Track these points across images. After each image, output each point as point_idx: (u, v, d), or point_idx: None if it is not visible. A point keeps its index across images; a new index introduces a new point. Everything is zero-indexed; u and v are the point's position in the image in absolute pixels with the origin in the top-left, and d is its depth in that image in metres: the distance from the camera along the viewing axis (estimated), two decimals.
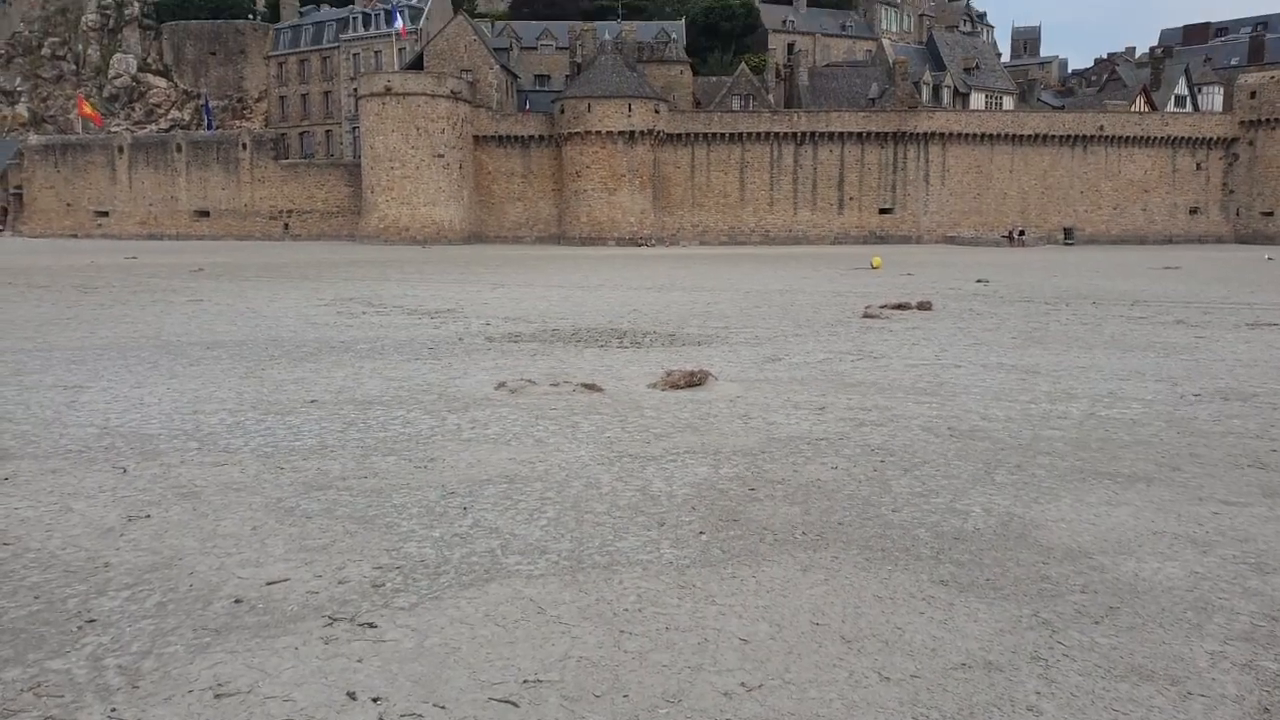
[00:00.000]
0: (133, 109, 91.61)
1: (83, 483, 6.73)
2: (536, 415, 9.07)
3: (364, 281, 30.00)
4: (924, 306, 20.60)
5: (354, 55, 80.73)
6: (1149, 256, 52.33)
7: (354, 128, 77.08)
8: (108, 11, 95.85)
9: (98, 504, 6.24)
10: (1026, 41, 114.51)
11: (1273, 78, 74.22)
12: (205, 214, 77.67)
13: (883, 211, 73.40)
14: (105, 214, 79.11)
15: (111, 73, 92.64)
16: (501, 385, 10.52)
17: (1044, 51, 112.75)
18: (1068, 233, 74.02)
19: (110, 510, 6.10)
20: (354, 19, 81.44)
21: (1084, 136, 73.83)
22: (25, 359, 12.87)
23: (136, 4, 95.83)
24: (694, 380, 10.60)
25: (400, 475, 6.97)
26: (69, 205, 79.64)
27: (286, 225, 76.14)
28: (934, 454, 7.70)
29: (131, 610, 4.51)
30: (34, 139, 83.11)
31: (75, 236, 77.33)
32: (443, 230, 67.67)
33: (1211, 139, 75.14)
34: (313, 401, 9.81)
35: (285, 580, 4.92)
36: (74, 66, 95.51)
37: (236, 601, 4.63)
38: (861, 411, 9.38)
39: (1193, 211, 75.77)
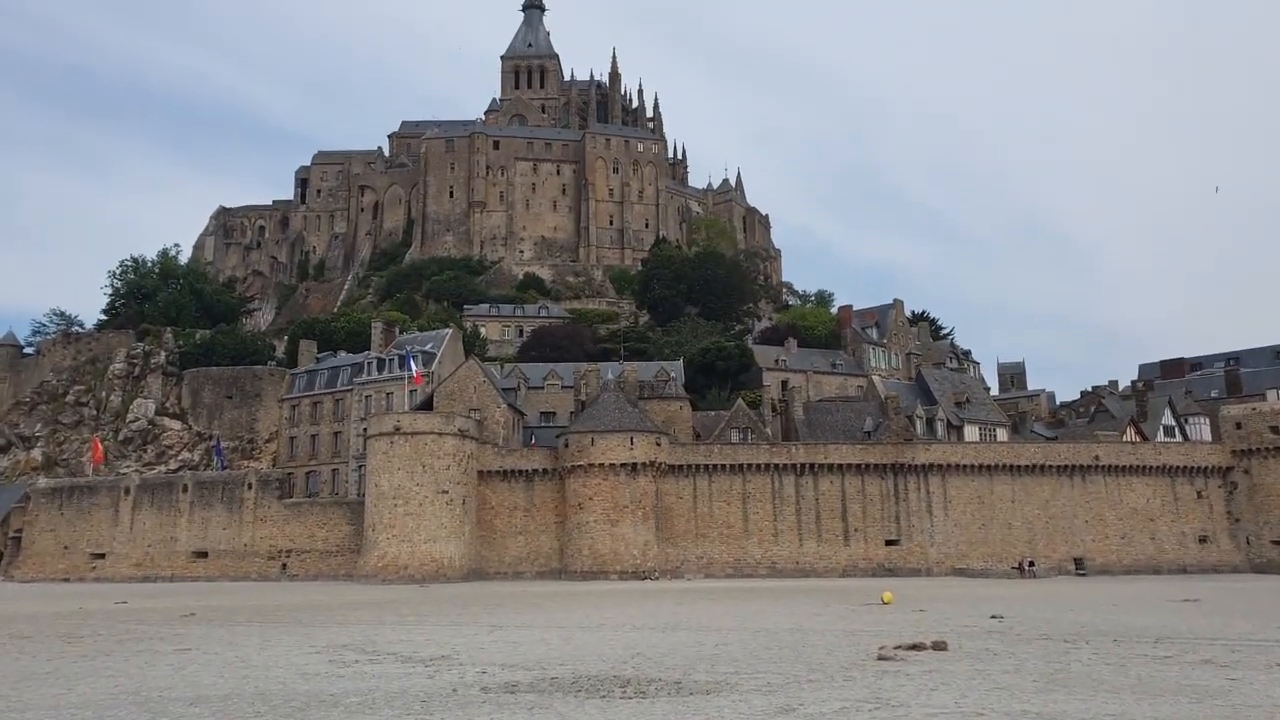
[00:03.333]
0: (145, 450, 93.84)
1: None
2: None
3: (359, 625, 29.11)
4: (939, 646, 19.81)
5: (366, 397, 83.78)
6: (1165, 588, 51.22)
7: (360, 466, 78.40)
8: (135, 360, 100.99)
9: None
10: (1013, 376, 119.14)
11: (1255, 409, 76.65)
12: (203, 554, 77.02)
13: (889, 543, 72.89)
14: (101, 556, 78.25)
15: (130, 417, 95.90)
16: None
17: (1030, 385, 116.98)
18: (1078, 563, 73.03)
19: None
20: (369, 364, 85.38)
21: (1081, 466, 74.93)
22: None
23: (163, 353, 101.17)
24: None
25: None
26: (66, 548, 78.99)
27: (284, 565, 75.28)
28: None
29: None
30: (42, 482, 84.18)
31: (68, 580, 76.12)
32: (442, 568, 66.80)
33: (1207, 468, 76.23)
34: None
35: None
36: (95, 412, 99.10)
37: None
38: None
39: (1202, 540, 75.22)
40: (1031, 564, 70.23)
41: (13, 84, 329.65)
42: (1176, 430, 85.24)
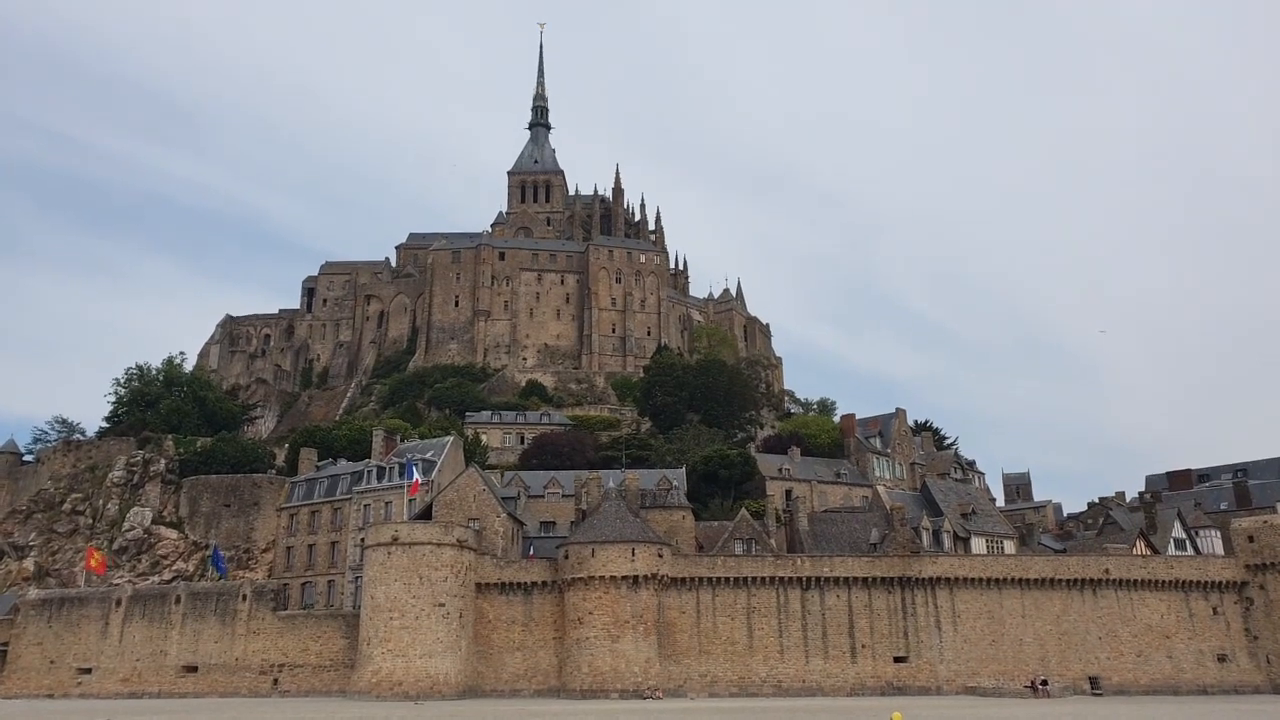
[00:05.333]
0: (139, 560, 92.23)
1: None
2: None
3: None
4: None
5: (365, 506, 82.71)
6: (1184, 710, 49.45)
7: (357, 577, 76.89)
8: (134, 468, 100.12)
9: None
10: (1019, 487, 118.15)
11: (1267, 522, 75.13)
12: (193, 669, 74.63)
13: (898, 660, 70.69)
14: (87, 671, 75.78)
15: (126, 525, 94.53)
16: None
17: (1036, 496, 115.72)
18: (1094, 682, 70.66)
19: None
20: (369, 472, 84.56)
21: (1092, 580, 73.24)
22: None
23: (163, 460, 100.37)
24: None
25: None
26: (52, 663, 76.47)
27: (276, 681, 73.00)
28: None
29: None
30: (33, 593, 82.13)
31: (51, 696, 73.77)
32: (437, 684, 64.70)
33: (1221, 582, 74.44)
34: None
35: None
36: (90, 520, 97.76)
37: None
38: None
39: (1221, 659, 72.82)
40: (1044, 682, 68.04)
41: (26, 193, 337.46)
42: (1187, 543, 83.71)
